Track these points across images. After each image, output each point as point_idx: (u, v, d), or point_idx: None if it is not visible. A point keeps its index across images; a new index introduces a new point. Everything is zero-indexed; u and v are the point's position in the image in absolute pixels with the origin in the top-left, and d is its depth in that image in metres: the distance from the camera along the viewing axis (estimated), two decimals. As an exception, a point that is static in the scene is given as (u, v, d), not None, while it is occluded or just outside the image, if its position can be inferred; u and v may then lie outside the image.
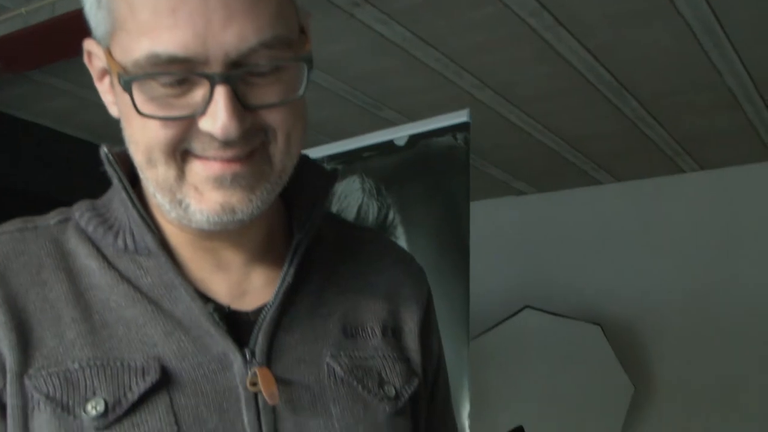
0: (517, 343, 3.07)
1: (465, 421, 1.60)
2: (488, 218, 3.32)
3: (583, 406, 2.91)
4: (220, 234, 0.57)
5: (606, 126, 2.63)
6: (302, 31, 0.54)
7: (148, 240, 0.57)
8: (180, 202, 0.53)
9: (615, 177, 3.18)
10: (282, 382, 0.56)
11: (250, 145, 0.52)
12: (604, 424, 2.88)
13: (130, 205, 0.58)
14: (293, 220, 0.62)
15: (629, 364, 2.99)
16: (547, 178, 3.21)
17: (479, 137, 2.45)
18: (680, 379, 2.97)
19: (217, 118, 0.49)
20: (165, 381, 0.54)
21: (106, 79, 0.56)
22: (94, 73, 0.57)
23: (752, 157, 2.89)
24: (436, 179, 1.72)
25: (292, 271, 0.59)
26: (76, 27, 0.60)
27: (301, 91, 0.53)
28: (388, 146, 1.84)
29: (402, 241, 1.73)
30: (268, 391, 0.54)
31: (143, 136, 0.52)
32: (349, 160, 1.91)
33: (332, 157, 1.95)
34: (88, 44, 0.56)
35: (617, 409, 2.86)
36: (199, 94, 0.50)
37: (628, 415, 2.88)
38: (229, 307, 0.58)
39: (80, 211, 0.60)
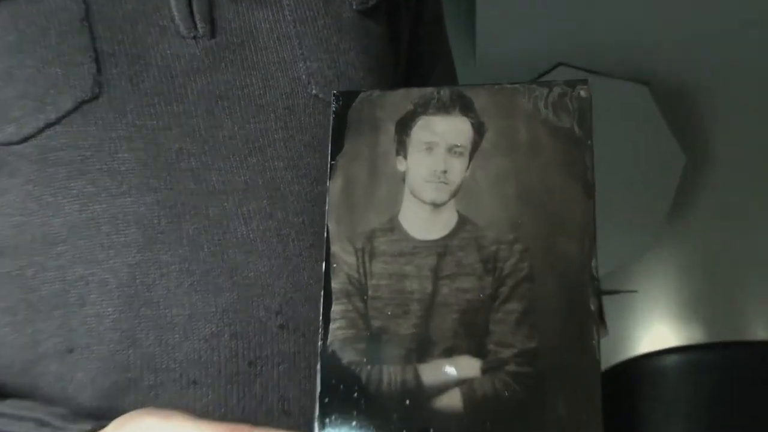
0: (549, 106, 2.81)
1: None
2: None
3: (628, 178, 2.76)
4: None
5: None
6: None
7: None
8: None
9: None
10: None
11: None
12: (652, 198, 2.77)
13: None
14: None
15: (680, 131, 2.75)
16: None
17: None
18: (738, 152, 2.79)
19: None
20: None
21: None
22: None
23: None
24: None
25: None
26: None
27: None
28: None
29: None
30: None
31: None
32: None
33: None
34: None
35: (667, 183, 2.71)
36: None
37: (679, 188, 2.71)
38: None
39: None
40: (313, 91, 0.59)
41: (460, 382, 0.44)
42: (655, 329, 3.23)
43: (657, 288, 3.07)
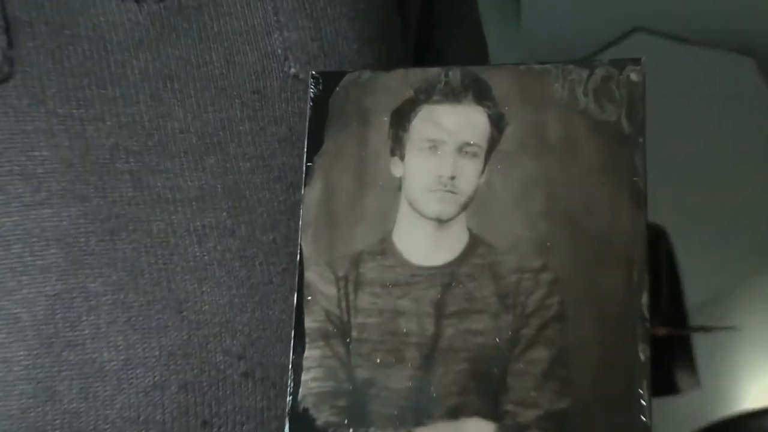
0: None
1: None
2: None
3: (726, 178, 2.79)
4: None
5: None
6: None
7: None
8: None
9: None
10: None
11: None
12: (757, 205, 2.82)
13: None
14: None
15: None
16: None
17: None
18: None
19: None
20: None
21: None
22: None
23: None
24: None
25: None
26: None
27: None
28: None
29: None
30: None
31: None
32: None
33: None
34: None
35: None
36: None
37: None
38: None
39: None
40: (292, 70, 0.59)
41: (467, 453, 0.44)
42: (762, 377, 3.20)
43: (763, 324, 3.05)
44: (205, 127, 0.57)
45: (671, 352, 2.80)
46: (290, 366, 0.46)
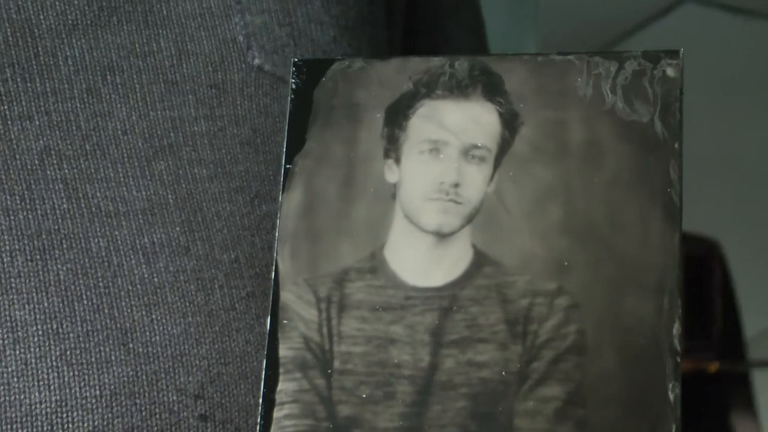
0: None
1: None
2: None
3: None
4: None
5: None
6: None
7: None
8: None
9: None
10: None
11: None
12: None
13: None
14: None
15: None
16: None
17: None
18: None
19: None
20: None
21: None
22: None
23: None
24: None
25: None
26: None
27: None
28: None
29: None
30: None
31: None
32: None
33: None
34: None
35: None
36: None
37: None
38: None
39: None
40: (255, 61, 0.60)
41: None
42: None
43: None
44: (153, 128, 0.57)
45: (726, 391, 2.78)
46: (260, 401, 0.47)
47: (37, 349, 0.53)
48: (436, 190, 0.49)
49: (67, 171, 0.55)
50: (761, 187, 3.04)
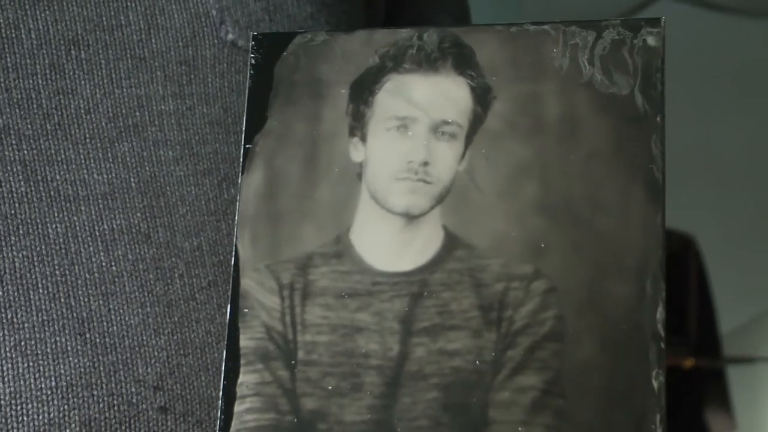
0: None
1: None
2: None
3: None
4: None
5: None
6: None
7: None
8: None
9: None
10: None
11: None
12: None
13: None
14: None
15: None
16: None
17: None
18: None
19: None
20: None
21: None
22: None
23: None
24: None
25: None
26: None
27: None
28: None
29: None
30: None
31: None
32: None
33: None
34: None
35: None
36: None
37: None
38: None
39: None
40: (229, 36, 0.60)
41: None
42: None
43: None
44: (118, 107, 0.57)
45: (701, 387, 2.82)
46: (221, 394, 0.46)
47: None
48: (405, 169, 0.48)
49: (26, 152, 0.55)
50: (737, 182, 3.08)
